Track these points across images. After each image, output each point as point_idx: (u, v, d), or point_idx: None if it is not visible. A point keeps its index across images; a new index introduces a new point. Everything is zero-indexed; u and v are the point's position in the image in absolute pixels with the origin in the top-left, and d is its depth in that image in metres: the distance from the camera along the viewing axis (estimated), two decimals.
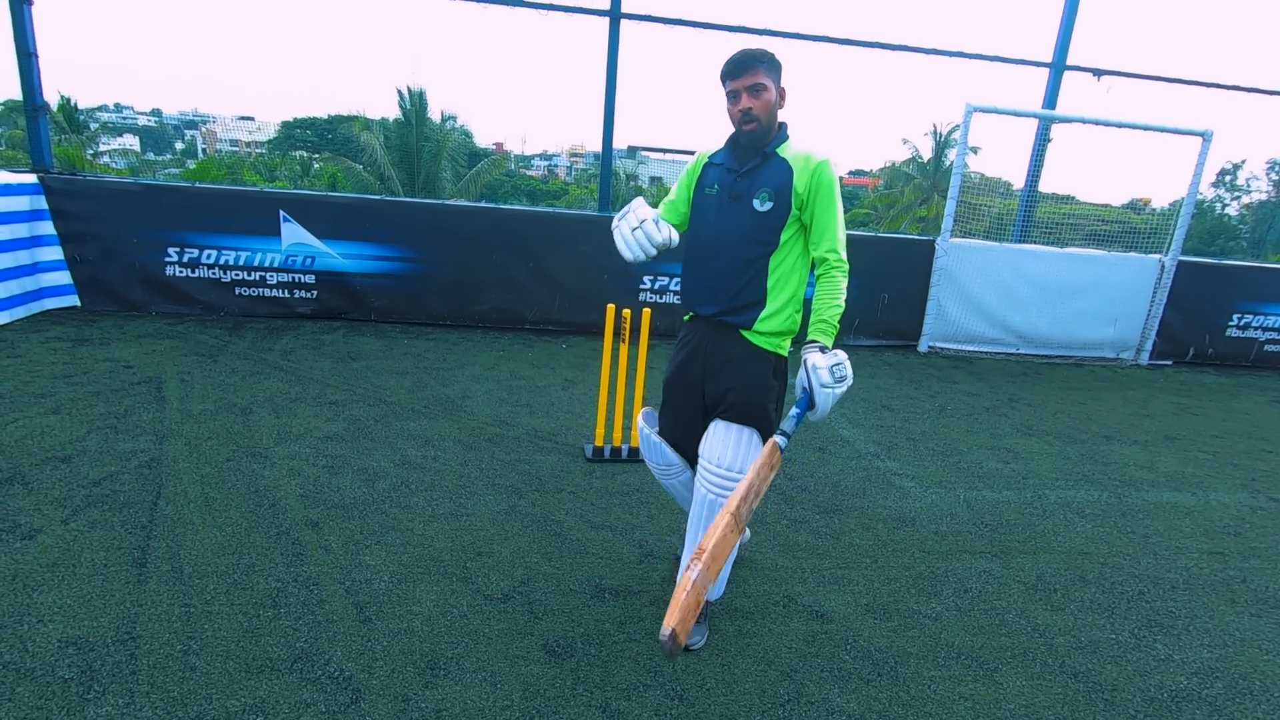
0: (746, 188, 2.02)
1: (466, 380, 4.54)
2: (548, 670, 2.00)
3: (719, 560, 1.72)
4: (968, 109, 6.01)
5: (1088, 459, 4.09)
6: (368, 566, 2.42)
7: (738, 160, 2.06)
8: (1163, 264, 6.51)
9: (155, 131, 66.24)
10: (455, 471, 3.22)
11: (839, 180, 1.99)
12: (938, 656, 2.21)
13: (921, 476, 3.62)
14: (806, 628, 2.30)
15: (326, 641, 2.04)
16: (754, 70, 1.97)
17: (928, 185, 28.05)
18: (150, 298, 5.46)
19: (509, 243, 5.80)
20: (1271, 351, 7.03)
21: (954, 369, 5.96)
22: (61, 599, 2.12)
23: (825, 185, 1.96)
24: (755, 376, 2.05)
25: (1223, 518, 3.44)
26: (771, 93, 1.99)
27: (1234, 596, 2.72)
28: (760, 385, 2.05)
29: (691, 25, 5.90)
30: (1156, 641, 2.39)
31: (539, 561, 2.55)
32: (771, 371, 2.08)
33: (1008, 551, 2.93)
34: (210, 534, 2.53)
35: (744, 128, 2.01)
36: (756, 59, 1.97)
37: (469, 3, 5.70)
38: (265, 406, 3.78)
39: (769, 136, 2.03)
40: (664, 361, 5.50)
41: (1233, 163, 31.61)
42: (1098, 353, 6.72)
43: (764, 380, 2.06)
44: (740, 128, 2.02)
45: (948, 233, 6.23)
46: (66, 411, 3.49)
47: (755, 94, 1.97)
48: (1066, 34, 6.47)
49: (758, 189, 2.00)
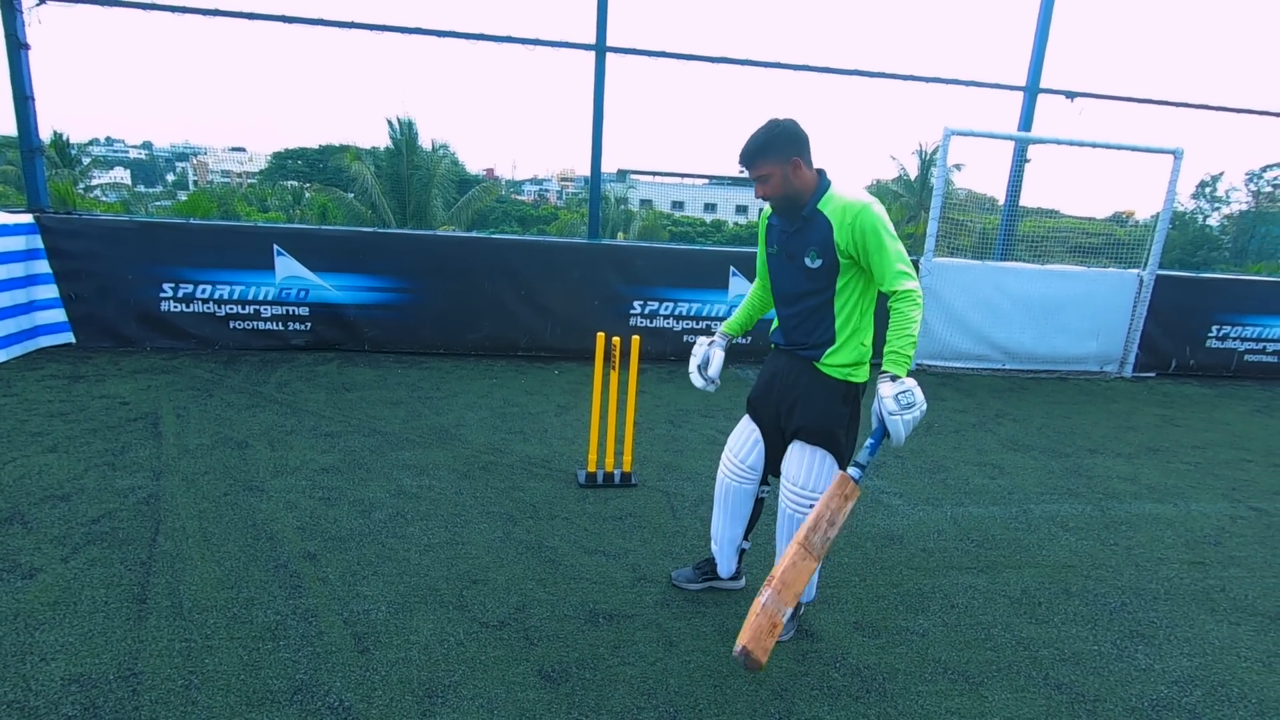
0: (798, 247, 2.18)
1: (460, 409, 4.59)
2: (543, 695, 2.05)
3: (790, 586, 1.91)
4: (946, 132, 6.18)
5: (1072, 473, 4.17)
6: (365, 597, 2.46)
7: (787, 220, 2.22)
8: (1141, 278, 6.66)
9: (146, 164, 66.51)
10: (450, 500, 3.27)
11: (882, 216, 2.07)
12: (925, 672, 2.27)
13: (909, 494, 3.69)
14: (796, 646, 2.35)
15: (326, 673, 2.08)
16: (753, 165, 2.13)
17: (914, 203, 28.46)
18: (145, 333, 5.51)
19: (501, 271, 5.89)
20: (1251, 361, 7.16)
21: (941, 386, 6.06)
22: (63, 637, 2.15)
23: (868, 230, 2.05)
24: (824, 403, 2.21)
25: (1204, 528, 3.51)
26: (778, 173, 2.11)
27: (1214, 605, 2.79)
28: (829, 412, 2.21)
29: (674, 57, 6.06)
30: (1138, 651, 2.45)
31: (534, 588, 2.60)
32: (841, 398, 2.22)
33: (993, 566, 2.99)
34: (209, 568, 2.57)
35: (770, 205, 2.22)
36: (751, 155, 2.13)
37: (458, 39, 5.85)
38: (261, 440, 3.83)
39: (802, 200, 2.15)
40: (655, 386, 5.57)
41: (1211, 175, 32.19)
42: (1082, 367, 6.84)
43: (833, 407, 2.21)
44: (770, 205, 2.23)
45: (930, 252, 6.37)
46: (64, 449, 3.53)
47: (763, 182, 2.14)
48: (1039, 58, 6.67)
49: (807, 248, 2.16)
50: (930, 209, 6.44)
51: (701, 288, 6.17)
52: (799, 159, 2.10)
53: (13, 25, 5.17)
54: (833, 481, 2.12)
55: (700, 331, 6.29)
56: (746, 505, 2.51)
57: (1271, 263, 27.05)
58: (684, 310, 6.22)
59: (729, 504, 2.50)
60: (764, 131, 2.11)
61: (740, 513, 2.51)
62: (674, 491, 3.53)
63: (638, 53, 5.97)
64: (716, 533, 2.58)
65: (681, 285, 6.15)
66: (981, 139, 6.44)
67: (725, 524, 2.54)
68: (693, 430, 4.49)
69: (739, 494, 2.48)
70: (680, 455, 4.04)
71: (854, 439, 2.32)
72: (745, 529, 2.56)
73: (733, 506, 2.50)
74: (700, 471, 3.81)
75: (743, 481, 2.46)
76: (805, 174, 2.12)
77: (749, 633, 1.79)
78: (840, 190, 2.13)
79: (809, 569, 1.95)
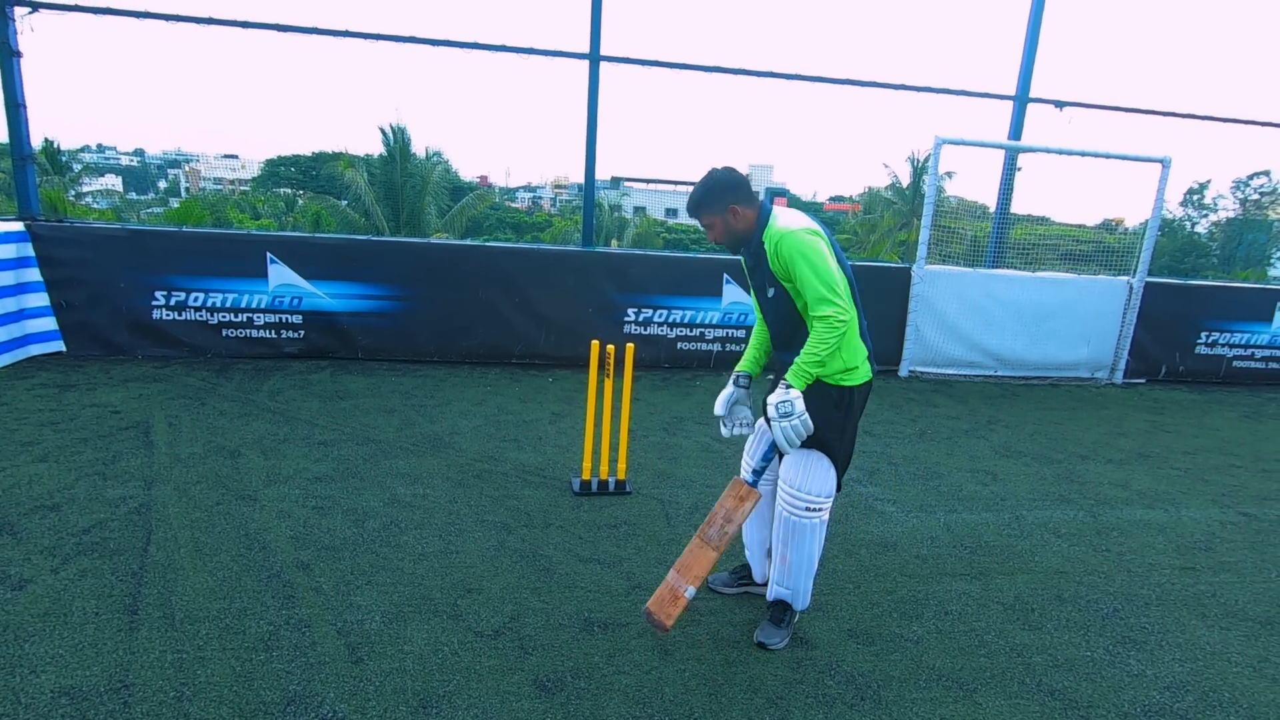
0: (759, 281, 2.36)
1: (454, 416, 4.59)
2: (538, 705, 2.04)
3: (689, 569, 2.27)
4: (937, 141, 6.23)
5: (1064, 479, 4.20)
6: (359, 607, 2.45)
7: (746, 256, 2.39)
8: (1131, 285, 6.72)
9: (138, 171, 66.30)
10: (444, 509, 3.26)
11: (805, 243, 2.14)
12: (919, 679, 2.27)
13: (903, 501, 3.70)
14: (791, 654, 2.36)
15: (319, 683, 2.07)
16: (697, 216, 2.32)
17: (907, 210, 28.63)
18: (136, 341, 5.49)
19: (495, 279, 5.89)
20: (1240, 367, 7.23)
21: (934, 392, 6.08)
22: (53, 649, 2.13)
23: (787, 254, 2.17)
24: (815, 408, 2.25)
25: (1194, 533, 3.54)
26: (719, 222, 2.28)
27: (1204, 611, 2.81)
28: (819, 417, 2.26)
29: (668, 66, 6.10)
30: (1130, 657, 2.47)
31: (528, 597, 2.60)
32: (833, 404, 2.30)
33: (987, 573, 3.00)
34: (201, 579, 2.55)
35: (724, 248, 2.38)
36: (693, 209, 2.32)
37: (453, 47, 5.86)
38: (254, 448, 3.81)
39: (747, 238, 2.31)
40: (649, 393, 5.58)
41: (1199, 182, 32.52)
42: (1073, 373, 6.88)
43: (824, 412, 2.28)
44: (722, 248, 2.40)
45: (923, 260, 6.41)
46: (54, 459, 3.50)
47: (710, 229, 2.32)
48: (1028, 68, 6.74)
49: (764, 281, 2.32)
50: (922, 216, 6.48)
51: (695, 295, 6.18)
52: (735, 205, 2.26)
53: (4, 33, 5.16)
54: (827, 481, 2.32)
55: (694, 339, 6.31)
56: (768, 507, 2.56)
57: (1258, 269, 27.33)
58: (678, 318, 6.24)
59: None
60: (701, 185, 2.29)
61: (764, 514, 2.57)
62: (669, 499, 3.53)
63: (632, 62, 6.00)
64: (746, 537, 2.66)
65: (675, 293, 6.16)
66: (972, 147, 6.51)
67: (752, 528, 2.62)
68: (687, 438, 4.49)
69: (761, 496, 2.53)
70: (675, 463, 4.04)
71: (850, 441, 2.37)
72: (771, 532, 2.57)
73: (756, 510, 2.54)
74: (694, 479, 3.81)
75: (760, 483, 2.51)
76: (745, 215, 2.27)
77: (654, 599, 2.27)
78: (776, 221, 2.24)
79: (708, 557, 2.27)
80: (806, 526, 2.34)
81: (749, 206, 2.27)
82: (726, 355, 6.38)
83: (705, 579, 2.31)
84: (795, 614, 2.48)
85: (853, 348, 2.27)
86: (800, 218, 2.25)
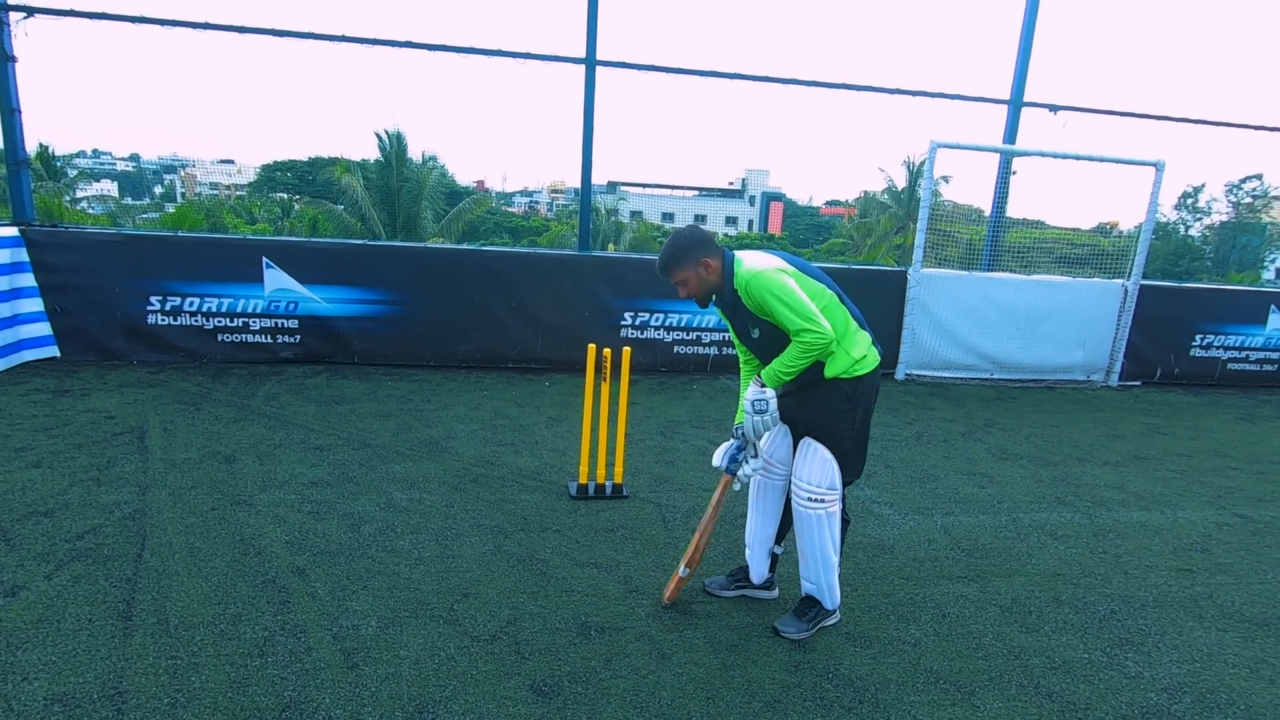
0: (742, 324, 2.44)
1: (451, 421, 4.58)
2: (535, 710, 2.03)
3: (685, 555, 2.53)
4: (932, 145, 6.26)
5: (1060, 481, 4.20)
6: (355, 612, 2.44)
7: (724, 304, 2.46)
8: (1125, 288, 6.75)
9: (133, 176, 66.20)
10: (441, 513, 3.25)
11: (771, 282, 2.23)
12: (916, 682, 2.27)
13: (900, 504, 3.70)
14: (789, 658, 2.35)
15: (314, 689, 2.05)
16: (670, 274, 2.40)
17: (903, 214, 28.71)
18: (131, 347, 5.47)
19: (491, 283, 5.89)
20: (1234, 370, 7.26)
21: (930, 395, 6.09)
22: (46, 656, 2.12)
23: (758, 294, 2.25)
24: (830, 403, 2.37)
25: (1190, 535, 3.55)
26: (692, 277, 2.37)
27: (1201, 612, 2.81)
28: (834, 410, 2.37)
29: (664, 71, 6.11)
30: (1128, 659, 2.46)
31: (525, 601, 2.59)
32: (845, 396, 2.37)
33: (984, 575, 3.00)
34: (196, 584, 2.54)
35: (696, 302, 2.46)
36: (666, 268, 2.39)
37: (449, 52, 5.87)
38: (249, 453, 3.80)
39: (720, 288, 2.38)
40: (646, 397, 5.58)
41: (1193, 186, 32.73)
42: (1069, 376, 6.90)
43: (838, 405, 2.37)
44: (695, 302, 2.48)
45: (919, 263, 6.43)
46: (48, 465, 3.48)
47: (683, 286, 2.40)
48: (1023, 72, 6.77)
49: (747, 323, 2.40)
50: (918, 220, 6.50)
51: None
52: (705, 259, 2.34)
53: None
54: (828, 473, 2.37)
55: (690, 342, 6.31)
56: (776, 502, 2.58)
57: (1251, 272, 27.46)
58: (674, 321, 6.24)
59: (758, 500, 2.59)
60: (670, 246, 2.38)
61: (770, 510, 2.58)
62: (665, 503, 3.53)
63: (628, 66, 6.02)
64: (749, 534, 2.65)
65: (671, 296, 6.16)
66: (967, 151, 6.53)
67: (757, 523, 2.61)
68: (684, 441, 4.49)
69: (767, 489, 2.57)
70: (671, 466, 4.04)
71: (862, 430, 2.43)
72: (777, 531, 2.61)
73: (762, 504, 2.59)
74: (692, 483, 3.80)
75: (770, 475, 2.55)
76: (714, 266, 2.35)
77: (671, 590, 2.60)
78: (741, 265, 2.32)
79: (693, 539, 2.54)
80: (812, 518, 2.38)
81: (716, 258, 2.35)
82: (723, 359, 6.38)
83: (692, 556, 2.52)
84: (824, 613, 2.50)
85: (856, 338, 2.38)
86: (763, 258, 2.35)
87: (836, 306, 2.36)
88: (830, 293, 2.36)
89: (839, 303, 2.38)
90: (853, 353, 2.35)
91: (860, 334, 2.40)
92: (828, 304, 2.33)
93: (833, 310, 2.34)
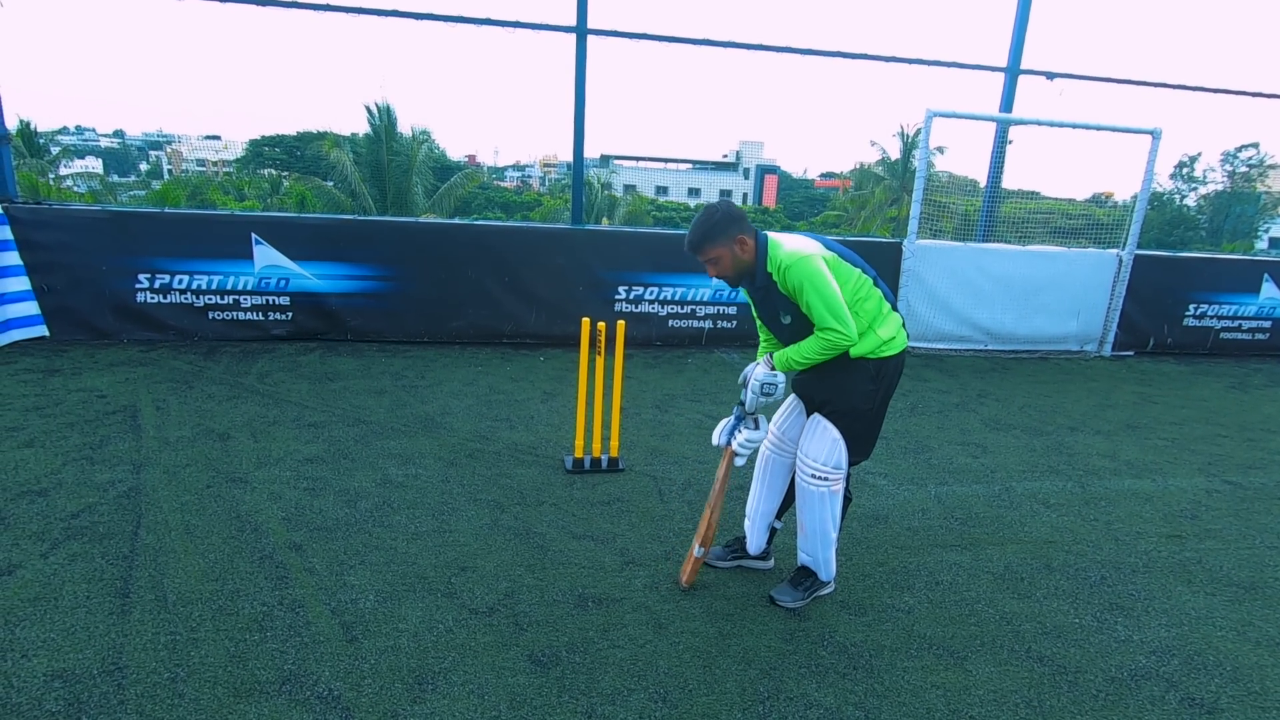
0: (771, 310, 2.38)
1: (445, 397, 4.57)
2: (533, 680, 2.05)
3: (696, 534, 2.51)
4: (928, 114, 6.19)
5: (1053, 450, 4.23)
6: (352, 586, 2.45)
7: (751, 287, 2.39)
8: (1120, 258, 6.74)
9: (118, 153, 65.09)
10: (437, 488, 3.26)
11: (810, 270, 2.17)
12: (910, 648, 2.30)
13: (894, 474, 3.73)
14: (785, 626, 2.38)
15: (314, 662, 2.07)
16: (702, 251, 2.27)
17: (897, 185, 28.55)
18: (121, 325, 5.42)
19: (484, 258, 5.84)
20: (1227, 339, 7.29)
21: (925, 367, 6.11)
22: (45, 633, 2.12)
23: (794, 281, 2.19)
24: (853, 382, 2.33)
25: (1180, 502, 3.58)
26: (727, 254, 2.26)
27: (1190, 577, 2.85)
28: (857, 388, 2.33)
29: (656, 39, 6.00)
30: (1117, 624, 2.50)
31: (522, 574, 2.60)
32: (870, 376, 2.32)
33: (977, 544, 3.03)
34: (193, 561, 2.54)
35: (727, 283, 2.36)
36: (699, 244, 2.26)
37: (436, 21, 5.75)
38: (243, 431, 3.79)
39: (753, 269, 2.29)
40: (642, 371, 5.57)
41: (1189, 155, 32.57)
42: (1063, 346, 6.92)
43: (860, 384, 2.32)
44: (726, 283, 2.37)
45: (914, 235, 6.39)
46: (40, 444, 3.46)
47: (715, 264, 2.28)
48: (1019, 39, 6.68)
49: (776, 309, 2.34)
50: (913, 191, 6.46)
51: (686, 272, 6.15)
52: (741, 235, 2.25)
53: None
54: (834, 452, 2.34)
55: (685, 316, 6.29)
56: (782, 479, 2.58)
57: (1245, 241, 27.46)
58: (669, 295, 6.21)
59: (765, 474, 2.59)
60: (703, 221, 2.26)
61: (775, 485, 2.59)
62: (661, 476, 3.54)
63: (619, 35, 5.90)
64: (751, 506, 2.66)
65: (666, 270, 6.13)
66: (964, 121, 6.47)
67: (761, 496, 2.62)
68: (679, 415, 4.49)
69: (775, 465, 2.57)
70: (667, 440, 4.04)
71: (880, 417, 2.40)
72: (779, 506, 2.62)
73: (769, 478, 2.58)
74: (687, 455, 3.82)
75: (780, 453, 2.55)
76: (749, 245, 2.27)
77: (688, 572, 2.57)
78: (780, 247, 2.25)
79: (704, 515, 2.49)
80: (814, 494, 2.38)
81: (751, 236, 2.27)
82: (718, 332, 6.37)
83: (705, 534, 2.48)
84: (819, 583, 2.52)
85: (887, 320, 2.34)
86: (801, 240, 2.28)
87: (870, 289, 2.32)
88: (866, 277, 2.32)
89: (873, 286, 2.33)
90: (881, 333, 2.30)
91: (892, 315, 2.36)
92: (862, 287, 2.30)
93: (867, 293, 2.31)
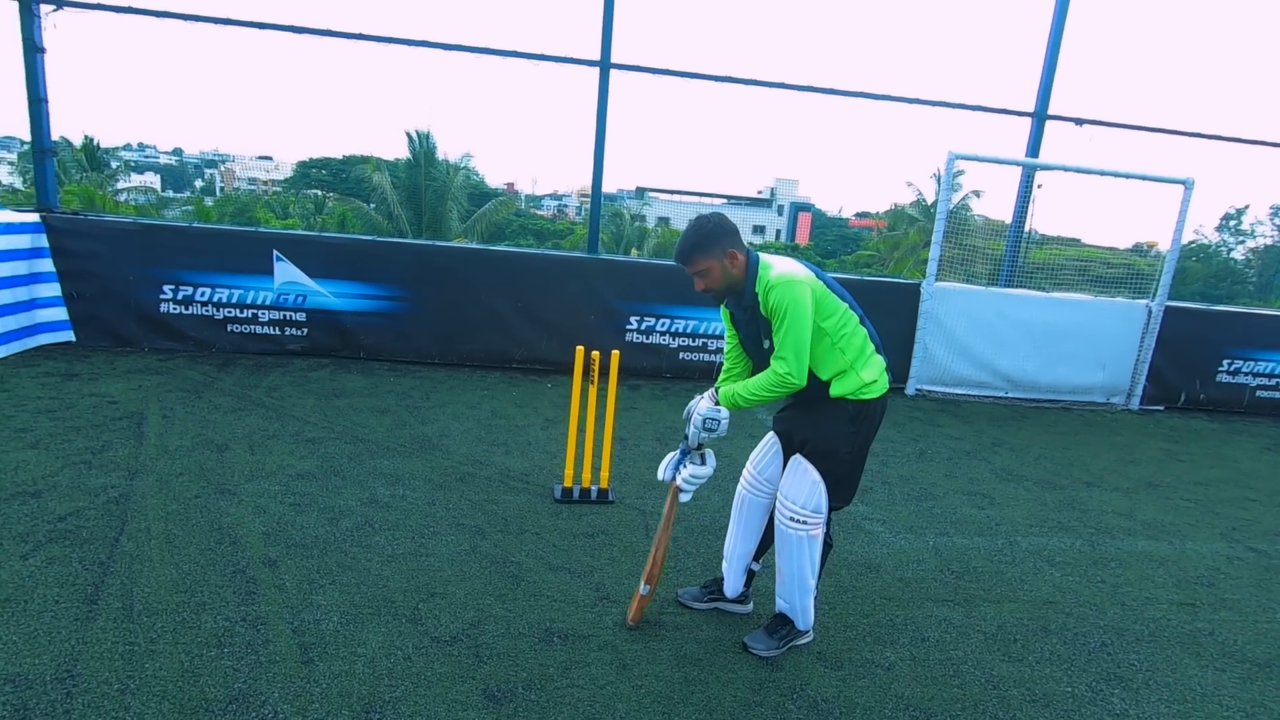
0: (755, 332, 2.31)
1: (447, 419, 4.57)
2: (484, 716, 1.99)
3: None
4: (950, 156, 6.13)
5: (1065, 505, 4.06)
6: (318, 606, 2.43)
7: (738, 307, 2.34)
8: (1150, 309, 6.53)
9: (175, 170, 68.01)
10: (421, 511, 3.23)
11: (795, 296, 2.14)
12: (885, 707, 2.18)
13: (892, 521, 3.60)
14: (755, 676, 2.28)
15: (265, 683, 2.04)
16: (691, 262, 2.23)
17: (931, 228, 28.30)
18: (144, 334, 5.57)
19: (498, 283, 5.89)
20: (1264, 398, 6.97)
21: (939, 412, 5.95)
22: (7, 635, 2.13)
23: (776, 302, 2.16)
24: (833, 423, 2.29)
25: (1197, 568, 3.39)
26: (716, 267, 2.22)
27: (1200, 649, 2.67)
28: (836, 430, 2.28)
29: (678, 75, 6.07)
30: (1114, 695, 2.35)
31: (492, 603, 2.55)
32: (850, 418, 2.28)
33: (971, 600, 2.89)
34: (166, 571, 2.54)
35: (714, 296, 2.32)
36: (688, 254, 2.23)
37: (465, 52, 5.90)
38: (242, 443, 3.83)
39: (740, 285, 2.26)
40: (648, 402, 5.51)
41: (1236, 208, 31.75)
42: (1087, 397, 6.69)
43: (840, 426, 2.28)
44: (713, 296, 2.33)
45: (933, 276, 6.29)
46: (44, 446, 3.54)
47: (703, 276, 2.25)
48: (1047, 85, 6.61)
49: (760, 332, 2.28)
50: (934, 232, 6.36)
51: (699, 305, 6.12)
52: (732, 250, 2.21)
53: (29, 29, 5.30)
54: (813, 496, 2.28)
55: (696, 349, 6.24)
56: (759, 519, 2.52)
57: None
58: (680, 328, 6.18)
59: (742, 515, 2.53)
60: (694, 231, 2.23)
61: (753, 526, 2.52)
62: (650, 510, 3.47)
63: (642, 70, 5.99)
64: (728, 548, 2.59)
65: (678, 303, 6.11)
66: (989, 164, 6.39)
67: (738, 538, 2.55)
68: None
69: (752, 505, 2.51)
70: None
71: (860, 457, 2.35)
72: (757, 547, 2.56)
73: (746, 519, 2.52)
74: None
75: (757, 493, 2.49)
76: (740, 260, 2.23)
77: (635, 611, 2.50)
78: (767, 267, 2.21)
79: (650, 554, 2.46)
80: (793, 538, 2.31)
81: (742, 251, 2.24)
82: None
83: (650, 572, 2.43)
84: (796, 632, 2.43)
85: (870, 362, 2.29)
86: (793, 265, 2.24)
87: (856, 327, 2.27)
88: (853, 313, 2.28)
89: (859, 324, 2.29)
90: (863, 375, 2.26)
91: (875, 358, 2.31)
92: (848, 321, 2.25)
93: (853, 329, 2.26)
